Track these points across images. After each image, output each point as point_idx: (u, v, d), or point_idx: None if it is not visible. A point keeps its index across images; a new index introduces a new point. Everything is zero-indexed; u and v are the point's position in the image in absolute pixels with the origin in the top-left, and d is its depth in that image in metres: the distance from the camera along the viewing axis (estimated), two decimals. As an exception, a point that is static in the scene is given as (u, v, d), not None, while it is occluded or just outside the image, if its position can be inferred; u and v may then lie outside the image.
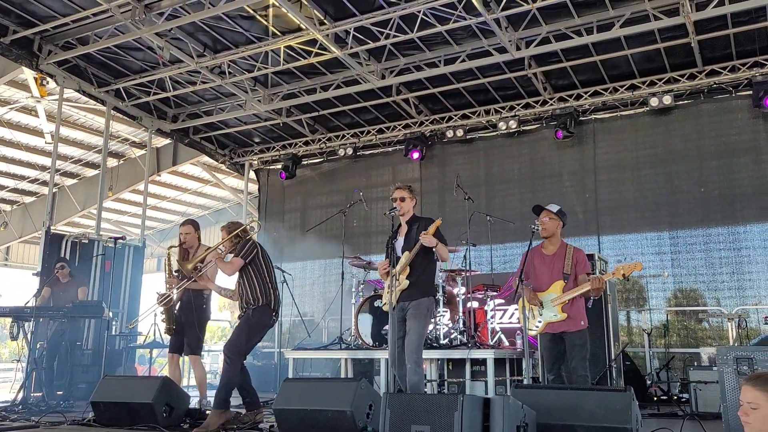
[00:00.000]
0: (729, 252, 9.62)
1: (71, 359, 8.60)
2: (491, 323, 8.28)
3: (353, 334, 8.11)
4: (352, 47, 9.06)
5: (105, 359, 7.91)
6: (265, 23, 8.83)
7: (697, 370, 7.03)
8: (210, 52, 9.65)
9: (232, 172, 14.73)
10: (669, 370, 8.34)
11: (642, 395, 7.60)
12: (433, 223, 5.27)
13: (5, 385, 12.14)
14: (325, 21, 8.59)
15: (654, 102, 9.95)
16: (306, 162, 13.32)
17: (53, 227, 10.47)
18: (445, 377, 7.54)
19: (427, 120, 11.76)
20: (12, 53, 9.52)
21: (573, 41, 8.80)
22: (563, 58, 9.64)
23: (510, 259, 10.75)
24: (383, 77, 9.99)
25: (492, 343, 7.96)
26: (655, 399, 7.65)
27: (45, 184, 15.94)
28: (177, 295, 6.40)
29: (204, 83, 10.50)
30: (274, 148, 13.37)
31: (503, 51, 9.10)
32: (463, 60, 9.48)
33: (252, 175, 14.08)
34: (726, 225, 9.69)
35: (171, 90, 10.79)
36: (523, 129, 11.26)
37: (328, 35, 8.78)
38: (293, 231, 13.07)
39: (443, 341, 7.58)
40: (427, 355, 7.11)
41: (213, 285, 6.31)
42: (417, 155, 11.71)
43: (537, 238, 5.70)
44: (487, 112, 11.30)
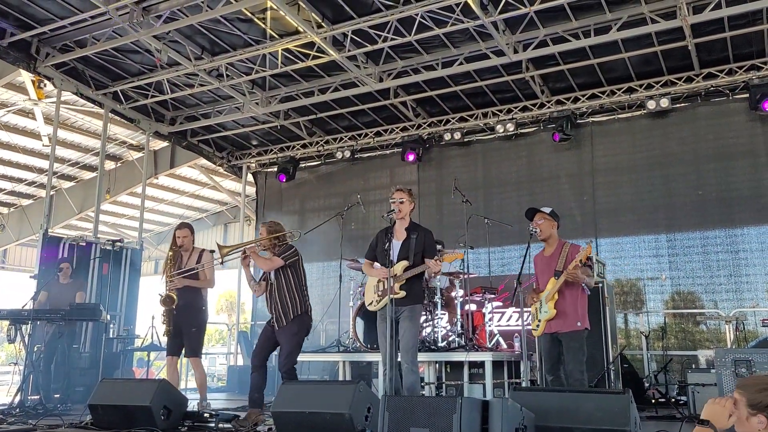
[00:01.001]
0: (726, 255, 9.63)
1: (68, 362, 8.56)
2: (489, 326, 8.28)
3: (351, 336, 8.10)
4: (349, 50, 9.06)
5: (102, 362, 7.89)
6: (263, 26, 8.83)
7: (695, 372, 7.04)
8: (208, 54, 9.66)
9: (229, 174, 14.73)
10: (667, 372, 8.35)
11: (640, 398, 7.59)
12: (452, 255, 5.58)
13: (2, 388, 12.11)
14: (323, 24, 8.60)
15: (651, 105, 9.98)
16: (304, 165, 13.32)
17: (50, 230, 10.45)
18: (443, 380, 7.54)
19: (425, 123, 11.77)
20: (9, 56, 9.50)
21: (570, 44, 8.82)
22: (561, 61, 9.66)
23: (508, 262, 10.76)
24: (381, 80, 10.00)
25: (490, 346, 7.97)
26: (653, 401, 7.64)
27: (42, 186, 15.91)
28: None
29: (202, 86, 10.49)
30: (271, 150, 13.37)
31: (501, 54, 9.12)
32: (461, 63, 9.49)
33: (250, 178, 14.08)
34: (723, 228, 9.71)
35: (169, 93, 10.78)
36: (521, 132, 11.29)
37: (325, 38, 8.79)
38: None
39: (441, 344, 7.57)
40: (425, 358, 7.12)
41: (248, 271, 6.29)
42: (412, 157, 11.71)
43: (536, 241, 5.74)
44: (485, 114, 11.31)
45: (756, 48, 9.27)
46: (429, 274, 5.67)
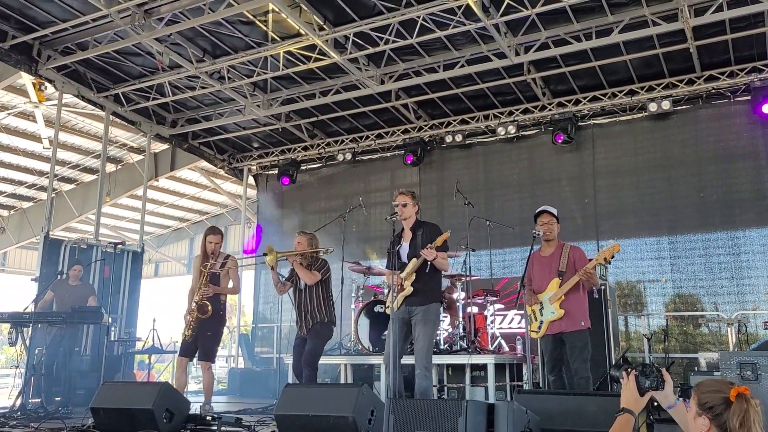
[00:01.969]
0: (728, 257, 9.62)
1: (70, 365, 8.54)
2: (491, 328, 8.27)
3: (353, 339, 8.10)
4: (351, 52, 9.06)
5: (104, 365, 7.88)
6: (265, 28, 8.83)
7: (698, 375, 7.03)
8: (209, 57, 9.66)
9: (230, 177, 14.72)
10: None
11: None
12: (441, 236, 5.35)
13: (4, 392, 12.09)
14: (325, 26, 8.60)
15: (652, 107, 9.97)
16: (305, 167, 13.31)
17: (51, 233, 10.43)
18: (445, 383, 7.53)
19: (426, 125, 11.76)
20: (11, 58, 9.50)
21: (572, 47, 8.82)
22: (562, 63, 9.66)
23: (509, 264, 10.75)
24: (382, 82, 9.99)
25: (492, 349, 7.96)
26: (655, 404, 7.63)
27: (42, 189, 15.90)
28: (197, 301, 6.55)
29: (203, 88, 10.48)
30: (272, 153, 13.36)
31: (502, 56, 9.12)
32: (462, 65, 9.49)
33: (251, 181, 14.07)
34: (725, 230, 9.70)
35: (170, 95, 10.77)
36: (522, 134, 11.28)
37: (327, 40, 8.78)
38: (291, 236, 13.01)
39: (443, 346, 7.57)
40: (428, 361, 7.10)
41: (275, 275, 6.58)
42: (410, 159, 11.67)
43: (539, 243, 5.73)
44: (486, 117, 11.31)
45: (757, 50, 9.27)
46: (438, 265, 5.45)
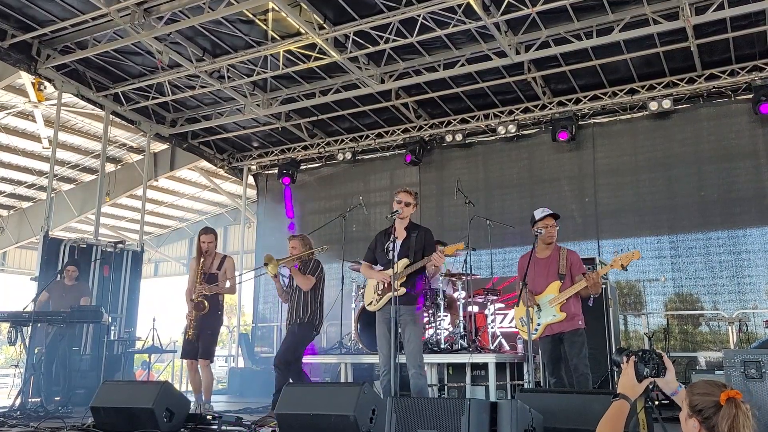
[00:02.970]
0: (729, 256, 9.62)
1: (69, 364, 8.51)
2: (491, 327, 8.26)
3: (353, 338, 8.07)
4: (351, 51, 9.04)
5: (104, 364, 7.86)
6: (265, 27, 8.81)
7: (699, 373, 7.02)
8: (209, 56, 9.63)
9: (230, 176, 14.70)
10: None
11: (644, 399, 7.57)
12: (454, 245, 5.45)
13: (3, 391, 12.07)
14: (325, 25, 8.58)
15: (653, 106, 9.96)
16: (304, 167, 13.29)
17: (50, 232, 10.41)
18: (446, 382, 7.52)
19: (426, 124, 11.74)
20: (10, 57, 9.46)
21: (572, 45, 8.81)
22: (563, 62, 9.64)
23: (510, 264, 10.73)
24: (382, 81, 9.98)
25: (493, 348, 7.94)
26: (657, 403, 7.62)
27: (42, 189, 15.88)
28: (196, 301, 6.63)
29: (203, 87, 10.46)
30: (272, 152, 13.34)
31: (503, 55, 9.10)
32: (463, 64, 9.47)
33: (250, 180, 14.05)
34: (725, 229, 9.69)
35: (170, 94, 10.75)
36: (522, 133, 11.26)
37: (327, 39, 8.77)
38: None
39: (444, 346, 7.55)
40: (428, 360, 7.07)
41: (278, 283, 6.71)
42: (410, 158, 11.65)
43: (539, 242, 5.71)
44: (486, 116, 11.29)
45: (759, 49, 9.26)
46: (430, 271, 5.56)
